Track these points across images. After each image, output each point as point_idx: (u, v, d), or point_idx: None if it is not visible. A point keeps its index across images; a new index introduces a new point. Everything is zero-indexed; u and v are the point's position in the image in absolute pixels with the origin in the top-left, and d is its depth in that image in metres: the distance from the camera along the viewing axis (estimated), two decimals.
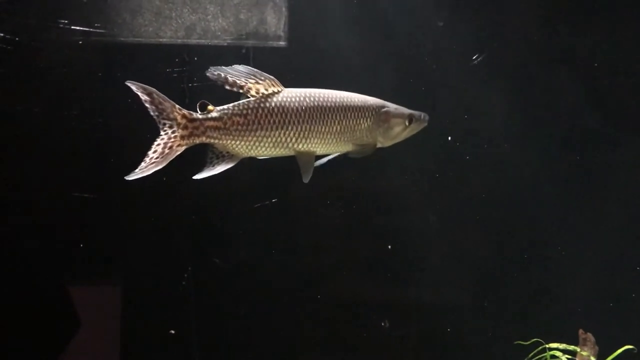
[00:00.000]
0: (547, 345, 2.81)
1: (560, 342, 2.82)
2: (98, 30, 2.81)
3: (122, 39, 2.84)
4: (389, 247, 3.34)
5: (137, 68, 2.74)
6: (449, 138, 3.34)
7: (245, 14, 2.98)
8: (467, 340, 3.44)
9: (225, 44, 2.97)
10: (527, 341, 2.87)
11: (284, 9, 3.03)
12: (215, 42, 2.96)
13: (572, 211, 3.46)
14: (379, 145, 2.74)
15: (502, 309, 3.47)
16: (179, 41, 2.91)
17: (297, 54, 3.09)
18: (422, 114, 2.79)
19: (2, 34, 2.68)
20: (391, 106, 2.73)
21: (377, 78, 3.13)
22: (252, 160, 3.00)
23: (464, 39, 3.32)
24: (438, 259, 3.41)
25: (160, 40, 2.89)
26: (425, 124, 2.80)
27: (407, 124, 2.74)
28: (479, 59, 3.31)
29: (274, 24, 3.02)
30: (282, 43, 3.04)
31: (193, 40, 2.93)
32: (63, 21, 2.75)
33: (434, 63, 3.31)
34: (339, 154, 2.68)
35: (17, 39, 2.72)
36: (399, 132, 2.75)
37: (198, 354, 3.22)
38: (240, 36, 2.99)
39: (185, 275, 3.15)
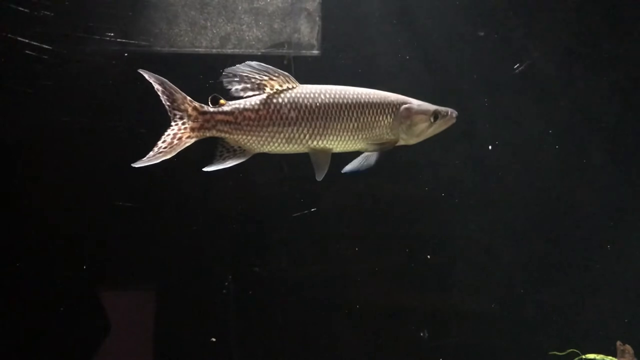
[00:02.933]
0: (583, 356, 2.63)
1: (598, 353, 2.60)
2: (136, 41, 2.87)
3: (159, 48, 2.88)
4: (428, 257, 3.22)
5: (173, 77, 2.75)
6: (490, 147, 3.21)
7: (279, 23, 2.97)
8: (503, 350, 3.30)
9: (260, 53, 2.97)
10: (563, 351, 2.81)
11: (317, 18, 3.00)
12: (249, 51, 2.96)
13: (610, 220, 3.30)
14: (402, 142, 2.63)
15: (538, 318, 3.31)
16: (214, 51, 2.93)
17: (331, 62, 3.04)
18: (449, 110, 2.65)
19: (41, 45, 2.75)
20: (414, 102, 2.63)
21: (413, 87, 3.01)
22: (290, 169, 3.01)
23: (505, 48, 3.22)
24: (474, 268, 3.29)
25: (196, 50, 2.91)
26: (454, 121, 2.67)
27: (432, 120, 2.62)
28: (520, 68, 3.18)
29: (308, 33, 3.00)
30: (315, 52, 3.01)
31: (228, 50, 2.94)
32: (106, 33, 2.82)
33: (475, 72, 3.20)
34: (367, 164, 2.60)
35: (56, 50, 2.79)
36: (424, 129, 2.63)
37: None
38: (274, 45, 2.98)
39: (226, 283, 3.10)
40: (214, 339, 3.11)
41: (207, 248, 3.11)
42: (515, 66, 3.21)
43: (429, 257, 3.24)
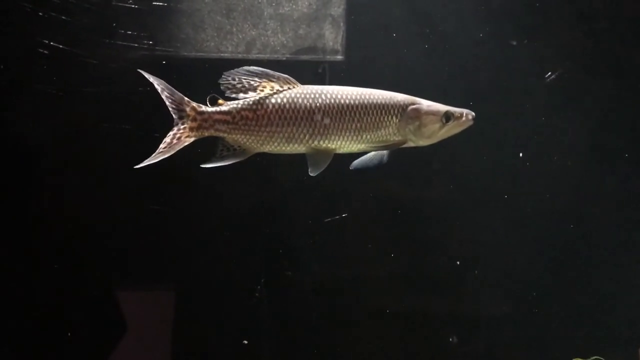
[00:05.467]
0: None
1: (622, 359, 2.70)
2: (164, 47, 2.91)
3: (185, 53, 2.91)
4: (458, 262, 3.15)
5: (198, 82, 2.78)
6: (521, 154, 3.11)
7: (304, 29, 2.94)
8: (525, 355, 3.22)
9: (284, 59, 2.95)
10: (586, 358, 2.80)
11: (342, 24, 2.95)
12: (274, 57, 2.94)
13: (637, 224, 3.16)
14: (411, 144, 2.52)
15: (561, 324, 3.20)
16: (240, 56, 2.93)
17: (355, 67, 2.98)
18: (465, 112, 2.52)
19: (78, 51, 2.83)
20: (424, 103, 2.51)
21: (441, 93, 2.90)
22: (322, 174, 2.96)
23: (537, 57, 3.11)
24: (500, 273, 3.20)
25: (222, 55, 2.92)
26: (471, 123, 2.53)
27: (443, 121, 2.50)
28: (552, 77, 3.04)
29: (332, 38, 2.95)
30: (339, 57, 2.96)
31: (253, 55, 2.93)
32: (135, 39, 2.88)
33: (504, 79, 3.09)
34: (377, 159, 2.53)
35: (88, 58, 2.84)
36: (435, 131, 2.50)
37: None
38: (299, 51, 2.95)
39: (259, 286, 3.08)
40: (245, 342, 3.08)
41: (240, 252, 3.11)
42: (547, 74, 3.07)
43: (458, 263, 3.15)
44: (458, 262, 3.15)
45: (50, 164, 2.94)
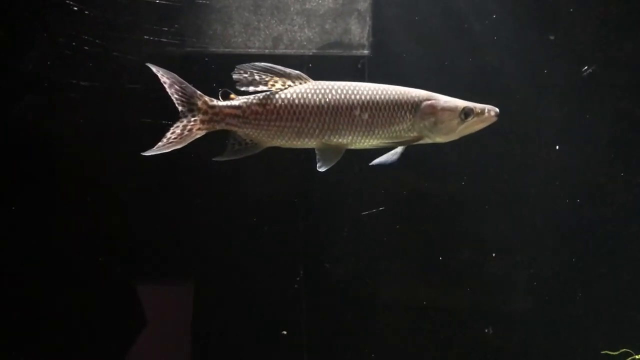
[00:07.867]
0: (637, 357, 2.66)
1: None
2: (193, 43, 2.93)
3: (214, 49, 2.93)
4: (493, 254, 3.11)
5: (226, 77, 2.79)
6: (557, 147, 3.03)
7: (331, 24, 2.91)
8: (552, 348, 3.15)
9: (311, 54, 2.92)
10: (615, 351, 2.78)
11: (368, 18, 2.91)
12: (301, 52, 2.92)
13: None
14: (428, 140, 2.45)
15: (590, 317, 3.14)
16: (267, 51, 2.92)
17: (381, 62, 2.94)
18: (487, 108, 2.42)
19: (95, 41, 2.84)
20: (441, 99, 2.42)
21: (468, 89, 2.82)
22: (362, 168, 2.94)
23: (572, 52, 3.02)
24: (527, 267, 3.14)
25: (249, 50, 2.92)
26: (494, 119, 2.43)
27: (462, 117, 2.41)
28: (588, 71, 2.92)
29: (358, 33, 2.91)
30: (365, 52, 2.91)
31: (280, 51, 2.93)
32: (165, 35, 2.91)
33: (539, 74, 3.01)
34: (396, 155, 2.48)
35: (114, 53, 2.87)
36: (453, 128, 2.42)
37: (307, 355, 3.15)
38: (325, 46, 2.92)
39: (298, 278, 3.10)
40: (284, 332, 3.10)
41: (281, 246, 3.12)
42: (584, 69, 2.95)
43: (494, 255, 3.11)
44: (494, 254, 3.12)
45: (88, 159, 2.99)
